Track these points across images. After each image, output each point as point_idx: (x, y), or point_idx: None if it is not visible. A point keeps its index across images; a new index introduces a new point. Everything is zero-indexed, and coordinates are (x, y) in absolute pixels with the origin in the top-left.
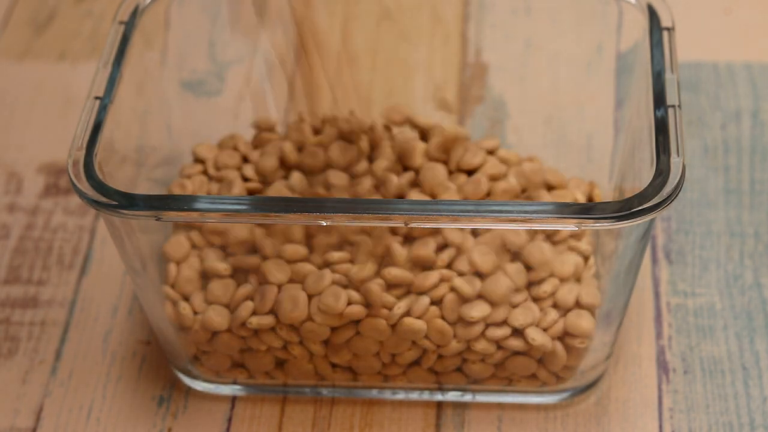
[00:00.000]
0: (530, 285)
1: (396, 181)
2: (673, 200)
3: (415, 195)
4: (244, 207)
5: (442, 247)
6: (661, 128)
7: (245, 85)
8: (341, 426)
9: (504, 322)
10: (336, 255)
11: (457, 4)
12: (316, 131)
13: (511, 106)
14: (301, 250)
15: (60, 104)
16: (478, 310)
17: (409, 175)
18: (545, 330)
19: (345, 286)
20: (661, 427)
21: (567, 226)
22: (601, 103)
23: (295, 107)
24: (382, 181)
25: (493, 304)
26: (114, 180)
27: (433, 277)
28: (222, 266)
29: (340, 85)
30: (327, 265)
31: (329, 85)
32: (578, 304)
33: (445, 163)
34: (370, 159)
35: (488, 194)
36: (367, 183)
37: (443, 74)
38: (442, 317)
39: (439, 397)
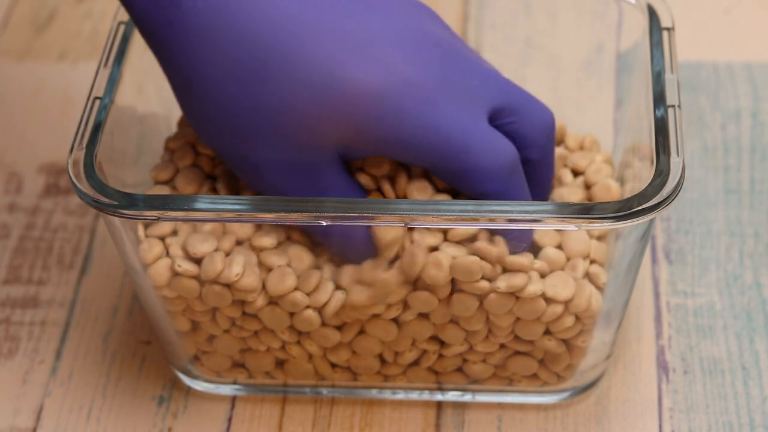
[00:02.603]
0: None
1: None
2: (673, 200)
3: None
4: (244, 207)
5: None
6: (661, 128)
7: None
8: (341, 426)
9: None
10: None
11: (457, 4)
12: None
13: None
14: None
15: (60, 104)
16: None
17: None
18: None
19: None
20: (661, 427)
21: (567, 226)
22: (601, 103)
23: None
24: None
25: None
26: (113, 180)
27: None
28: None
29: None
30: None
31: None
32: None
33: None
34: None
35: None
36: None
37: None
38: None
39: (439, 397)
